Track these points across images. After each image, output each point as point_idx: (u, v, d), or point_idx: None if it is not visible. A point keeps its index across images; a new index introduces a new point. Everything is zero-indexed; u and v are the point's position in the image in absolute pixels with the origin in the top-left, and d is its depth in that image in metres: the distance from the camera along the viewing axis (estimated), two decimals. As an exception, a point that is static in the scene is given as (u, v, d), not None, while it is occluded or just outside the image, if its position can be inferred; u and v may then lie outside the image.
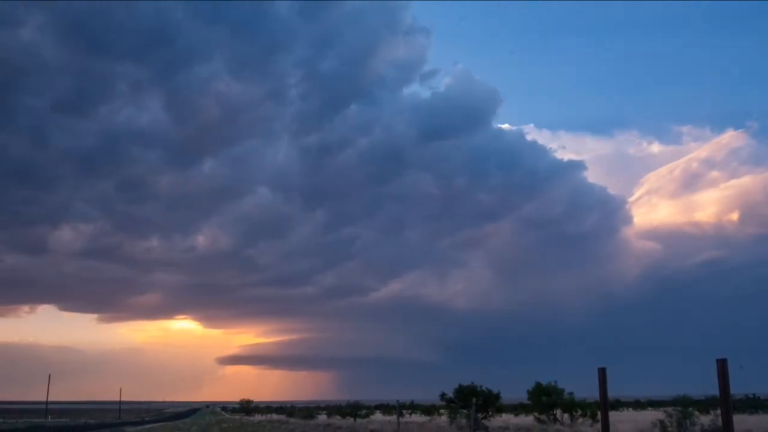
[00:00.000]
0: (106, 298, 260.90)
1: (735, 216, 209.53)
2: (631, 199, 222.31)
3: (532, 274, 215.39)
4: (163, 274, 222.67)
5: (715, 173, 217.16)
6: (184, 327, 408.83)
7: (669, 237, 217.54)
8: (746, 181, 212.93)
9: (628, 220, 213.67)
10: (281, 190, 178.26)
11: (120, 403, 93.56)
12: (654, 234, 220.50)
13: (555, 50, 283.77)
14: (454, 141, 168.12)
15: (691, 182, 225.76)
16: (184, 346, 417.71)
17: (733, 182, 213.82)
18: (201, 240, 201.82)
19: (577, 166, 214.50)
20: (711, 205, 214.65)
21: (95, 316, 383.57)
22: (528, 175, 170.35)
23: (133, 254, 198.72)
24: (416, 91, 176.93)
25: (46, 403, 75.94)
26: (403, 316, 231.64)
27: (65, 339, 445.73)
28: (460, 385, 30.14)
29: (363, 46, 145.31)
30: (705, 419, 21.27)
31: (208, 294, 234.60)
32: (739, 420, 22.20)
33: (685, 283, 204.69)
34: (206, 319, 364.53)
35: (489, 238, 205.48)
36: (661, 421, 20.76)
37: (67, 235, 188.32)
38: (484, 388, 29.92)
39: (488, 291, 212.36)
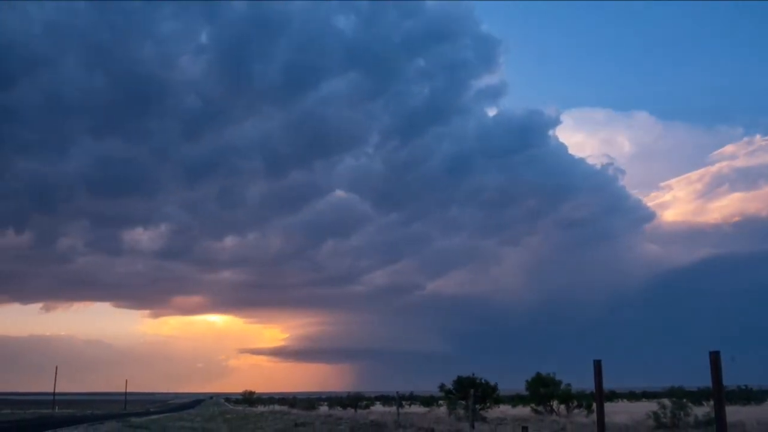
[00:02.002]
0: (163, 295, 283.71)
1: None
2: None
3: (553, 272, 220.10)
4: (226, 272, 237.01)
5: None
6: (219, 322, 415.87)
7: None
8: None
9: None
10: (356, 195, 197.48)
11: (126, 394, 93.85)
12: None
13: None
14: (515, 157, 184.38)
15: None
16: (209, 340, 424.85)
17: None
18: (271, 241, 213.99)
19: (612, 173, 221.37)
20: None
21: (146, 312, 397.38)
22: (564, 181, 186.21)
23: (202, 254, 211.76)
24: (487, 113, 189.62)
25: (53, 394, 76.10)
26: (437, 311, 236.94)
27: (99, 333, 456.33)
28: (459, 377, 30.21)
29: (453, 79, 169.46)
30: (699, 410, 21.28)
31: (262, 292, 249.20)
32: (732, 411, 22.20)
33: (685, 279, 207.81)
34: (250, 316, 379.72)
35: (527, 237, 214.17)
36: (656, 413, 20.75)
37: (146, 237, 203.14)
38: (482, 380, 30.00)
39: (515, 287, 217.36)
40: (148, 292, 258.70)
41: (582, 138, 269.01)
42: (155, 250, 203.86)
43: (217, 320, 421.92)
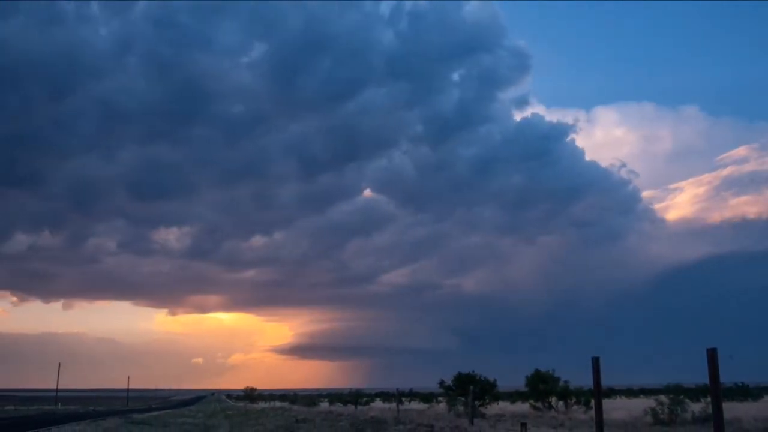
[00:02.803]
0: (183, 294, 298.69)
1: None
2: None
3: (560, 271, 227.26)
4: (248, 272, 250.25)
5: None
6: (234, 319, 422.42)
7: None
8: None
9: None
10: (384, 195, 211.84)
11: (128, 390, 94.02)
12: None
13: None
14: (534, 162, 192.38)
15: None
16: (221, 337, 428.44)
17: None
18: (295, 241, 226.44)
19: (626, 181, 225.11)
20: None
21: (164, 310, 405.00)
22: (575, 183, 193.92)
23: (227, 254, 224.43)
24: (513, 119, 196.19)
25: (56, 391, 76.20)
26: (451, 309, 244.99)
27: (112, 331, 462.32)
28: (459, 373, 30.23)
29: (484, 89, 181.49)
30: (696, 407, 21.33)
31: (280, 291, 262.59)
32: (729, 407, 22.26)
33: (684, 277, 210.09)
34: (265, 314, 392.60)
35: (541, 237, 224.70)
36: (653, 409, 20.81)
37: (174, 237, 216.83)
38: (481, 376, 30.03)
39: (525, 285, 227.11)
40: (169, 291, 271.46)
41: (622, 133, 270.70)
42: (181, 250, 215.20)
43: (233, 318, 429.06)
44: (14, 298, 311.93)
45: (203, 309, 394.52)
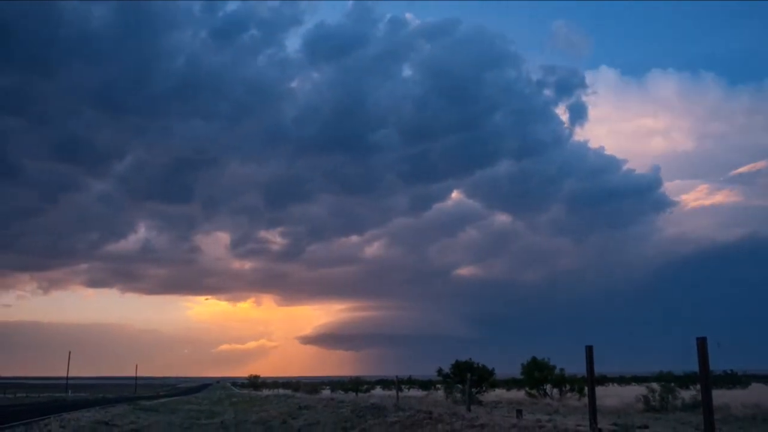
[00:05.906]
0: (254, 291, 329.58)
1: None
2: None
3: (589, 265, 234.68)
4: (335, 269, 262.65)
5: None
6: (281, 312, 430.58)
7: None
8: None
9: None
10: (475, 198, 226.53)
11: (136, 378, 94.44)
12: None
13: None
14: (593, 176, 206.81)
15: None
16: (258, 326, 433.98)
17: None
18: (383, 242, 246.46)
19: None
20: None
21: (224, 303, 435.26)
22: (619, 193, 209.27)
23: (314, 253, 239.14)
24: (583, 146, 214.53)
25: (66, 378, 76.50)
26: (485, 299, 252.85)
27: (155, 322, 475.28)
28: (457, 361, 30.32)
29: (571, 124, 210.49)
30: (686, 394, 21.40)
31: (354, 287, 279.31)
32: (718, 395, 22.33)
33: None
34: (325, 309, 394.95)
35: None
36: (645, 396, 20.90)
37: (275, 239, 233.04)
38: (478, 364, 30.12)
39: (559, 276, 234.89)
40: (245, 287, 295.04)
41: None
42: (277, 250, 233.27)
43: (280, 311, 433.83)
44: (90, 291, 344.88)
45: (259, 302, 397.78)
